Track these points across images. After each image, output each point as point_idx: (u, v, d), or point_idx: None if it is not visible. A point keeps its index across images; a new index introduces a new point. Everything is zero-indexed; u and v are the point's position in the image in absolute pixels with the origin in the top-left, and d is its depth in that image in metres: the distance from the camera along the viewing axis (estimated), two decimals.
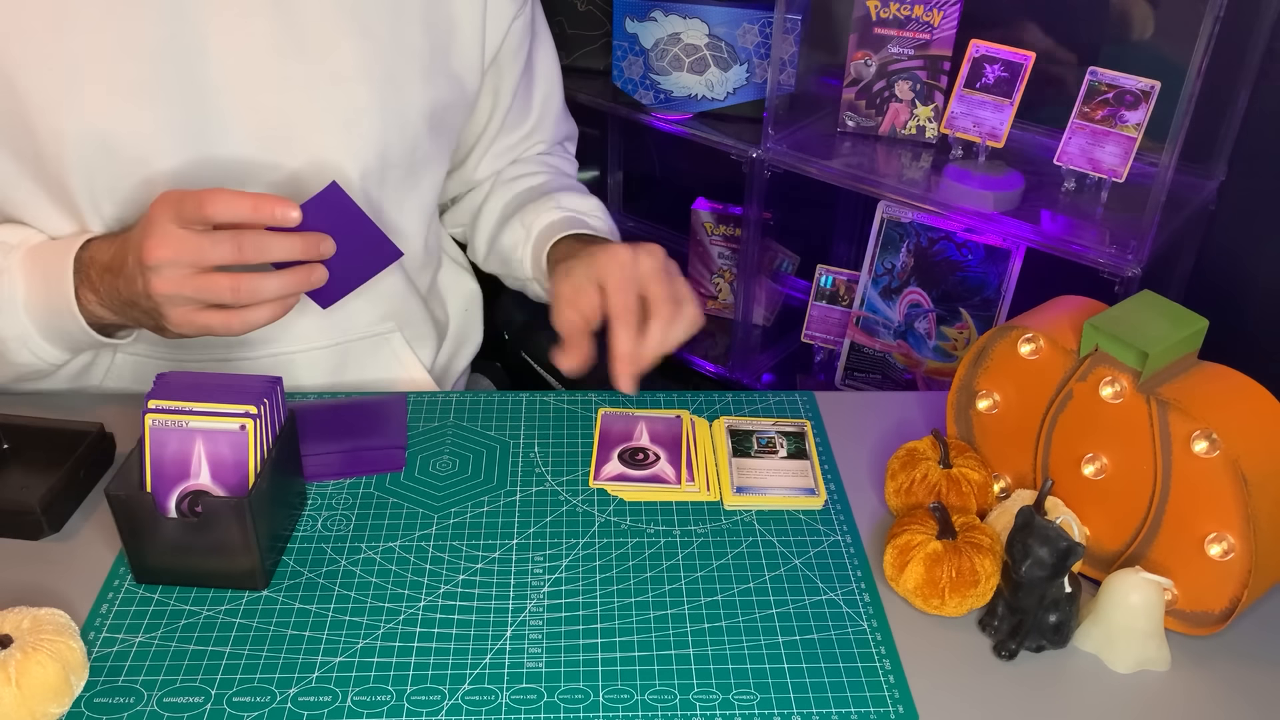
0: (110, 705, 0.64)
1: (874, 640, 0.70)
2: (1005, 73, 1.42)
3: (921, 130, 1.55)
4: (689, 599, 0.73)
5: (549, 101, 1.10)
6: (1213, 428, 0.67)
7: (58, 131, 0.80)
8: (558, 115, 1.13)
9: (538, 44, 1.06)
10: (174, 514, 0.70)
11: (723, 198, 1.90)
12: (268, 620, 0.70)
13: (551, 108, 1.11)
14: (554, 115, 1.12)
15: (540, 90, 1.08)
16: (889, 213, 1.57)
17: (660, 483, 0.82)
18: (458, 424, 0.88)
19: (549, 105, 1.10)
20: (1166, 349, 0.70)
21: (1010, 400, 0.80)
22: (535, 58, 1.05)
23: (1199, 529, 0.69)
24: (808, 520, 0.80)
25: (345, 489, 0.81)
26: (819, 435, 0.89)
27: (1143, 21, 1.44)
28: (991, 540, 0.72)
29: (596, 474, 0.83)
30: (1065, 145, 1.37)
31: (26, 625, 0.63)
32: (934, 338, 1.60)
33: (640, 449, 0.85)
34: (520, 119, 1.08)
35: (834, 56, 1.63)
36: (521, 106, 1.07)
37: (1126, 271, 1.30)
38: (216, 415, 0.69)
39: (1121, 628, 0.68)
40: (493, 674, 0.67)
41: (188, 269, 0.74)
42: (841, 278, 1.73)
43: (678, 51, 1.68)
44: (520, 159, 1.10)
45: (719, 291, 1.97)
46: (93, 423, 0.81)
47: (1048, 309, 0.79)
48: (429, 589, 0.73)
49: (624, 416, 0.89)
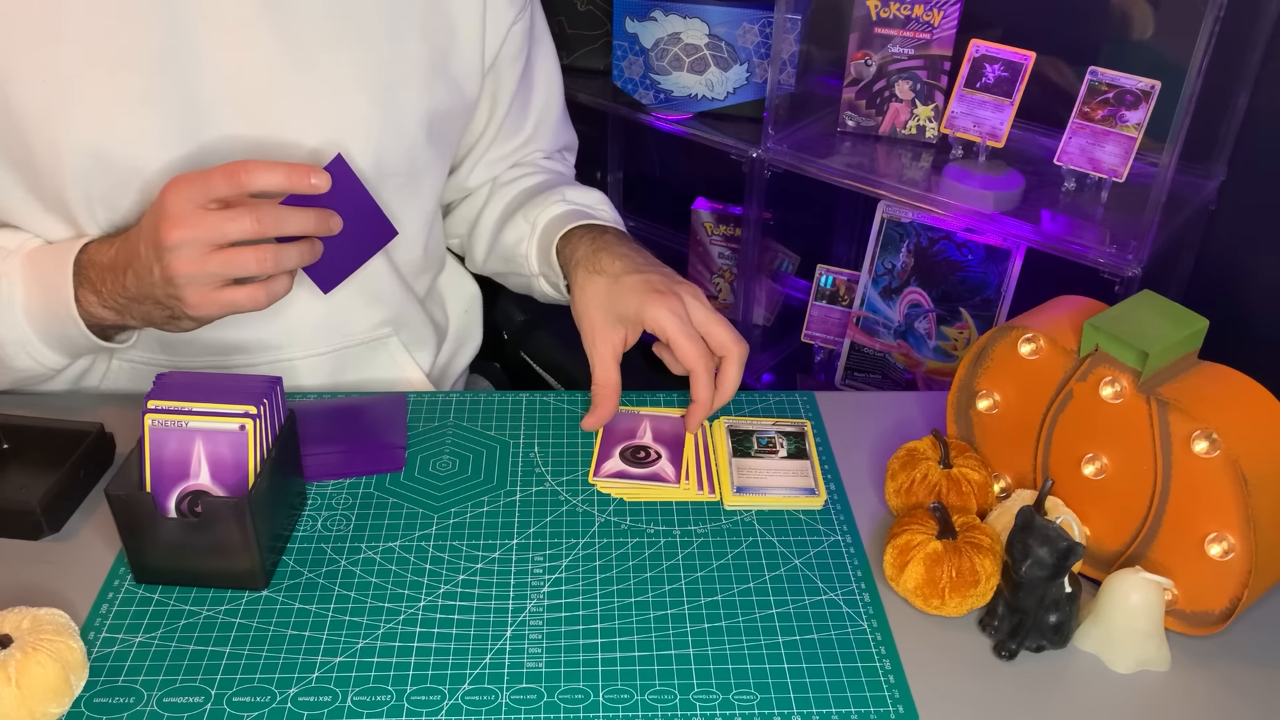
0: (110, 705, 0.64)
1: (874, 640, 0.70)
2: (1005, 72, 1.41)
3: (922, 130, 1.55)
4: (689, 599, 0.73)
5: (548, 109, 1.08)
6: (1213, 428, 0.67)
7: (53, 142, 0.80)
8: (556, 123, 1.11)
9: (538, 49, 1.04)
10: (174, 514, 0.70)
11: (723, 198, 1.90)
12: (268, 620, 0.70)
13: (550, 116, 1.09)
14: (552, 123, 1.10)
15: (539, 97, 1.06)
16: (889, 213, 1.57)
17: (659, 481, 0.82)
18: (458, 424, 0.88)
19: (547, 113, 1.08)
20: (1167, 349, 0.70)
21: (1010, 400, 0.80)
22: (535, 64, 1.04)
23: (1199, 529, 0.69)
24: (808, 520, 0.80)
25: (345, 489, 0.81)
26: (819, 435, 0.89)
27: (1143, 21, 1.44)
28: (992, 540, 0.72)
29: (597, 470, 0.83)
30: (1065, 145, 1.37)
31: (26, 625, 0.63)
32: (934, 338, 1.60)
33: (642, 447, 0.85)
34: (517, 126, 1.06)
35: (834, 56, 1.63)
36: (519, 113, 1.05)
37: (1127, 271, 1.30)
38: (216, 415, 0.69)
39: (1121, 628, 0.68)
40: (493, 674, 0.67)
41: (206, 246, 0.74)
42: (841, 278, 1.73)
43: (678, 51, 1.68)
44: (520, 162, 1.09)
45: (719, 291, 1.97)
46: (93, 423, 0.81)
47: (1048, 309, 0.79)
48: (429, 589, 0.73)
49: (630, 414, 0.89)
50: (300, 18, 0.83)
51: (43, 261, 0.82)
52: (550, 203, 0.99)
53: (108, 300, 0.81)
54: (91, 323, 0.82)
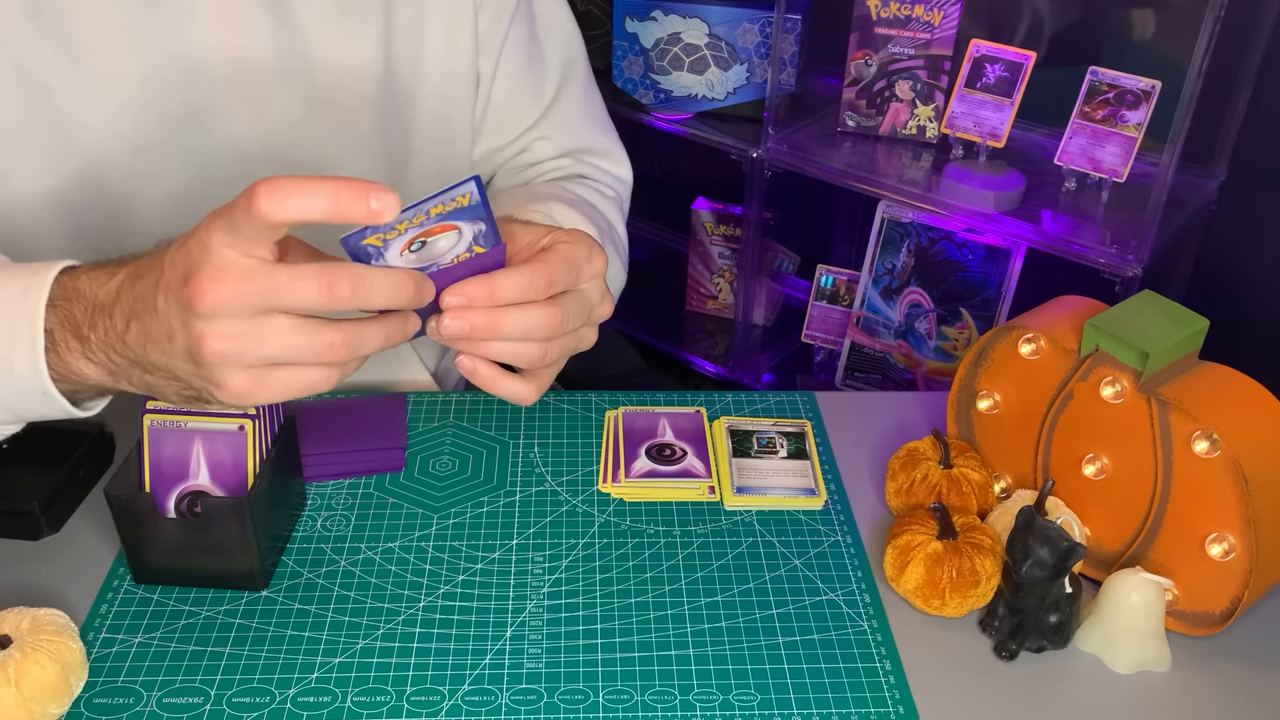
0: (110, 705, 0.64)
1: (874, 640, 0.70)
2: (1006, 72, 1.41)
3: (922, 130, 1.55)
4: (689, 599, 0.73)
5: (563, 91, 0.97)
6: (1213, 428, 0.67)
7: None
8: (572, 111, 0.98)
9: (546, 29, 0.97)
10: (173, 514, 0.70)
11: (723, 198, 1.90)
12: (268, 620, 0.70)
13: (565, 102, 0.98)
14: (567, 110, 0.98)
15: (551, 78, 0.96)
16: (889, 212, 1.57)
17: (693, 478, 0.81)
18: (458, 424, 0.88)
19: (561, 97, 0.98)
20: (1167, 349, 0.70)
21: (1011, 400, 0.80)
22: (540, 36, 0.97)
23: (1199, 529, 0.69)
24: (808, 520, 0.80)
25: (345, 489, 0.81)
26: (819, 435, 0.89)
27: (1143, 21, 1.44)
28: (992, 541, 0.71)
29: (628, 472, 0.82)
30: (1066, 145, 1.37)
31: (26, 625, 0.63)
32: (934, 338, 1.60)
33: (667, 445, 0.85)
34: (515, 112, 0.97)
35: (834, 56, 1.63)
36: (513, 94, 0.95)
37: (1127, 271, 1.30)
38: (215, 416, 0.69)
39: (1122, 628, 0.68)
40: (493, 674, 0.67)
41: (256, 315, 0.54)
42: (842, 278, 1.73)
43: (678, 51, 1.68)
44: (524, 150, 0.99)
45: (719, 291, 1.97)
46: (93, 422, 0.81)
47: (1048, 309, 0.79)
48: (429, 589, 0.73)
49: (644, 414, 0.88)
50: (301, 4, 0.82)
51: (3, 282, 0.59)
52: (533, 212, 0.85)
53: (95, 352, 0.58)
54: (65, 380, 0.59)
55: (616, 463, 0.83)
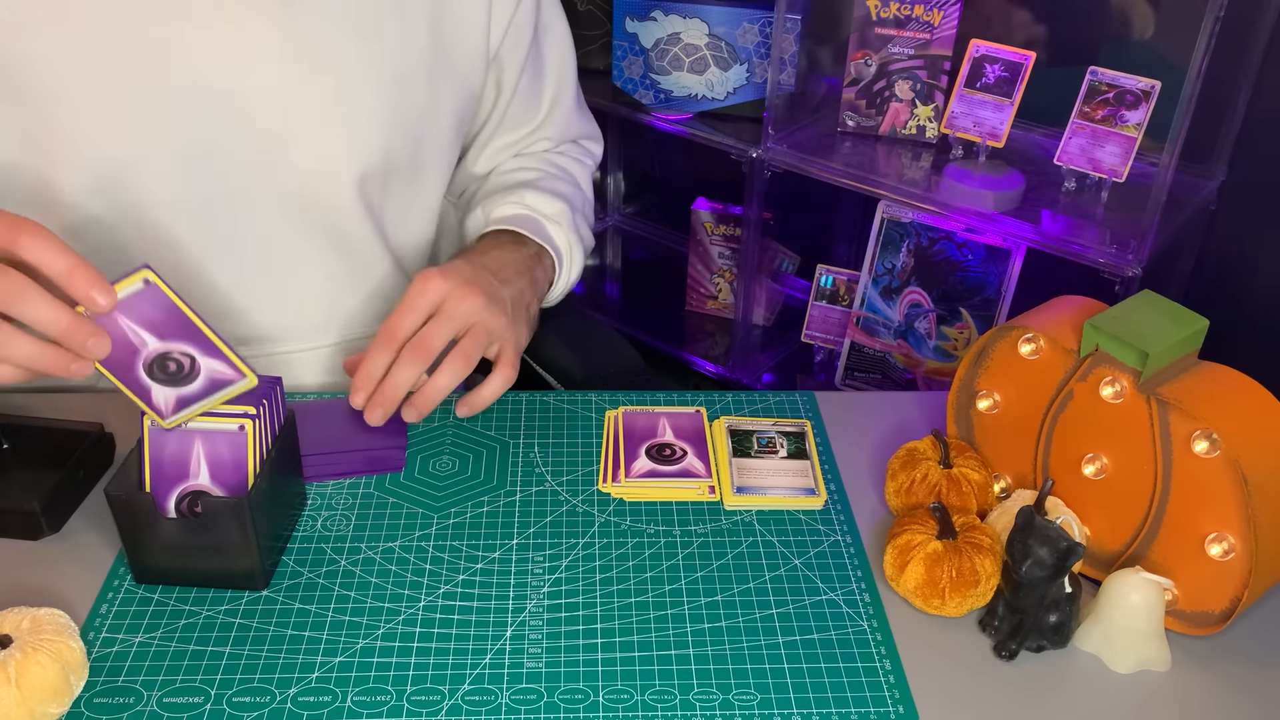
0: (110, 705, 0.64)
1: (874, 640, 0.70)
2: (1005, 72, 1.42)
3: (922, 130, 1.55)
4: (689, 599, 0.73)
5: (559, 98, 1.06)
6: (1213, 428, 0.67)
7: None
8: (568, 112, 1.08)
9: (548, 37, 1.03)
10: (174, 514, 0.70)
11: (723, 198, 1.90)
12: (268, 620, 0.70)
13: (561, 105, 1.07)
14: (563, 112, 1.07)
15: (549, 86, 1.05)
16: (889, 212, 1.57)
17: (693, 478, 0.81)
18: (458, 424, 0.88)
19: (558, 102, 1.06)
20: (1167, 349, 0.70)
21: (1010, 400, 0.80)
22: (544, 51, 1.03)
23: (1199, 529, 0.69)
24: (808, 520, 0.80)
25: (345, 489, 0.81)
26: (819, 435, 0.89)
27: (1143, 21, 1.44)
28: (992, 540, 0.72)
29: (628, 472, 0.82)
30: (1065, 145, 1.37)
31: (26, 625, 0.63)
32: (934, 338, 1.60)
33: (667, 445, 0.85)
34: (523, 115, 1.04)
35: (834, 56, 1.63)
36: (524, 102, 1.03)
37: (1127, 271, 1.30)
38: (215, 415, 0.69)
39: (1122, 628, 0.68)
40: (493, 674, 0.67)
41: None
42: (841, 278, 1.73)
43: (678, 51, 1.68)
44: (523, 153, 1.07)
45: (719, 291, 1.97)
46: (93, 423, 0.81)
47: (1048, 309, 0.79)
48: (429, 589, 0.73)
49: (644, 413, 0.88)
50: (308, 10, 0.83)
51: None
52: (508, 201, 0.98)
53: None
54: None
55: (616, 462, 0.83)
